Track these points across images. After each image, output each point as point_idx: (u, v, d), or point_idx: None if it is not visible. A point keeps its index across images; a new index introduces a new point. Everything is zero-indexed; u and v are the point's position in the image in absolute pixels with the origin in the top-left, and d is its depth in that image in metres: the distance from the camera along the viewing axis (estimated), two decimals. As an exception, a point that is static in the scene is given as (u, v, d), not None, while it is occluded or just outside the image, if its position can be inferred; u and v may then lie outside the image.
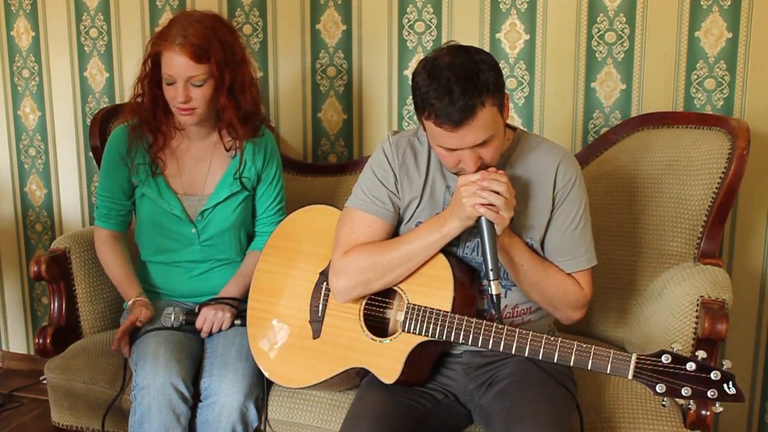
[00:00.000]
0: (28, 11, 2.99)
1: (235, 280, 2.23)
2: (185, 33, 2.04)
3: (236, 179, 2.21)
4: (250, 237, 2.32)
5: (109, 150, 2.25)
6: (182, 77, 2.06)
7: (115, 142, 2.24)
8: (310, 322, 1.94)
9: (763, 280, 2.45)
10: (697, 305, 1.89)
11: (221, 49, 2.07)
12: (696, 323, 1.89)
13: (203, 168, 2.24)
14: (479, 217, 1.66)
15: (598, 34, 2.44)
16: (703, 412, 1.81)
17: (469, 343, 1.71)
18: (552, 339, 1.66)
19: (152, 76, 2.14)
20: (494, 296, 1.67)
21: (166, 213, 2.22)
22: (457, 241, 1.80)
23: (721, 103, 2.38)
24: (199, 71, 2.05)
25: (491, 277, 1.65)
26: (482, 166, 1.67)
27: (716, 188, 2.12)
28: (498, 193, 1.63)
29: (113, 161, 2.23)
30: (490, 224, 1.66)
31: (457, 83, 1.58)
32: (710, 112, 2.37)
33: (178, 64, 2.05)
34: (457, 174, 1.72)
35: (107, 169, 2.24)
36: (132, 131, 2.22)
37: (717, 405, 1.54)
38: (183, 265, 2.26)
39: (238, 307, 2.17)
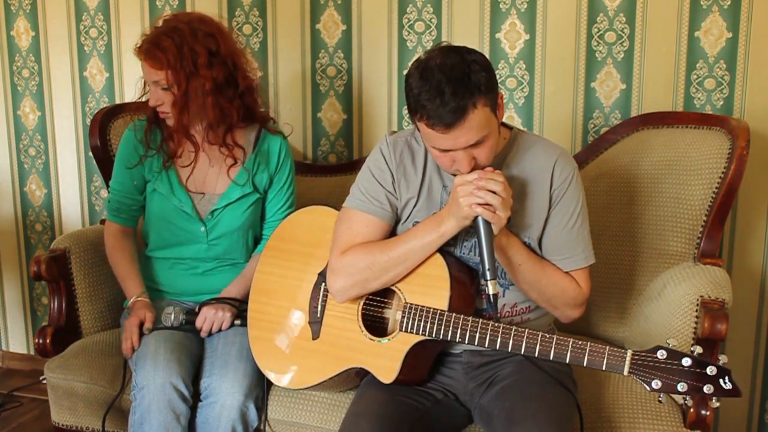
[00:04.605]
0: (28, 11, 2.99)
1: (237, 281, 2.23)
2: (149, 38, 2.08)
3: (249, 181, 2.21)
4: (258, 240, 2.31)
5: (124, 143, 2.25)
6: (149, 81, 2.12)
7: (131, 136, 2.24)
8: (309, 323, 1.94)
9: (763, 280, 2.45)
10: (697, 305, 1.89)
11: (177, 54, 2.05)
12: (696, 323, 1.88)
13: (216, 167, 2.23)
14: (476, 217, 1.66)
15: (597, 34, 2.44)
16: (703, 412, 1.80)
17: (466, 341, 1.71)
18: (548, 336, 1.65)
19: None
20: (491, 296, 1.67)
21: (176, 209, 2.21)
22: (454, 241, 1.80)
23: (721, 103, 2.38)
24: (160, 76, 2.07)
25: (488, 277, 1.65)
26: (477, 167, 1.67)
27: (716, 188, 2.12)
28: (495, 192, 1.63)
29: (128, 155, 2.23)
30: (487, 224, 1.65)
31: (449, 84, 1.57)
32: (710, 112, 2.37)
33: (144, 69, 2.11)
34: (453, 174, 1.72)
35: (121, 163, 2.25)
36: (146, 125, 2.23)
37: (714, 400, 1.54)
38: (187, 262, 2.25)
39: (239, 308, 2.17)
